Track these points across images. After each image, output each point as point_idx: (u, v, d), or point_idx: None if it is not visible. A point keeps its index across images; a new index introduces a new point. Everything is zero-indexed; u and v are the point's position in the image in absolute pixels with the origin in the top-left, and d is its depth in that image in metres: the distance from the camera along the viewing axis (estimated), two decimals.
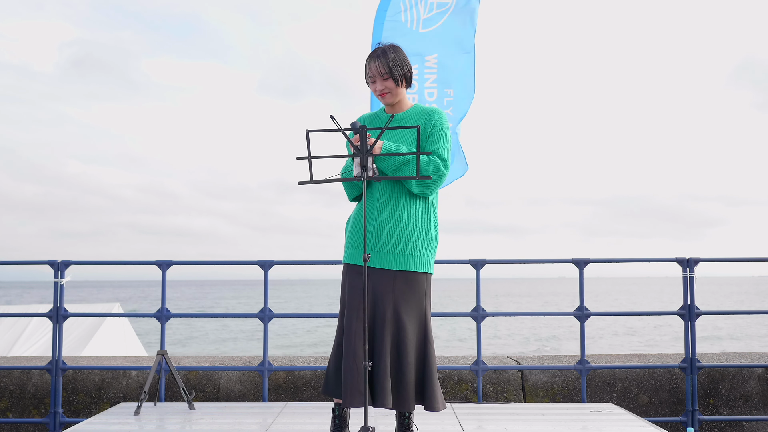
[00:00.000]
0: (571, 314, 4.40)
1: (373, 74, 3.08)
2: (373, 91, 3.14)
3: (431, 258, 3.07)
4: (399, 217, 3.01)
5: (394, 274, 2.98)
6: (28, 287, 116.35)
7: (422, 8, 4.47)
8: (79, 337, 10.37)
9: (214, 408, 4.00)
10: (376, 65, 3.06)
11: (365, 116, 3.25)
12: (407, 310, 2.96)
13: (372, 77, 3.09)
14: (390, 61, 3.06)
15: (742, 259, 4.66)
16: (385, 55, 3.07)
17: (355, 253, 3.06)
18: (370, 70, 3.08)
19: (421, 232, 3.03)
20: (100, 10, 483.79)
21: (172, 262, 4.43)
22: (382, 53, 3.08)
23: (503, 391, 4.53)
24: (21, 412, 4.55)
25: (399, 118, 3.13)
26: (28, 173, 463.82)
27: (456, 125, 4.48)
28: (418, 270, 3.00)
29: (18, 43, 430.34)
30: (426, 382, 2.96)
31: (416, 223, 3.02)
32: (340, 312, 3.11)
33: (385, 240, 2.99)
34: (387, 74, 3.06)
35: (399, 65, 3.07)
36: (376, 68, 3.06)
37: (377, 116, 3.22)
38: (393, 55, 3.08)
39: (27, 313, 4.95)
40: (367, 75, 3.12)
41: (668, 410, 4.51)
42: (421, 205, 3.05)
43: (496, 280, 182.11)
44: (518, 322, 36.59)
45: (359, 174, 2.81)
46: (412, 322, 2.97)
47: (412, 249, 3.00)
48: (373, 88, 3.13)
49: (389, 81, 3.07)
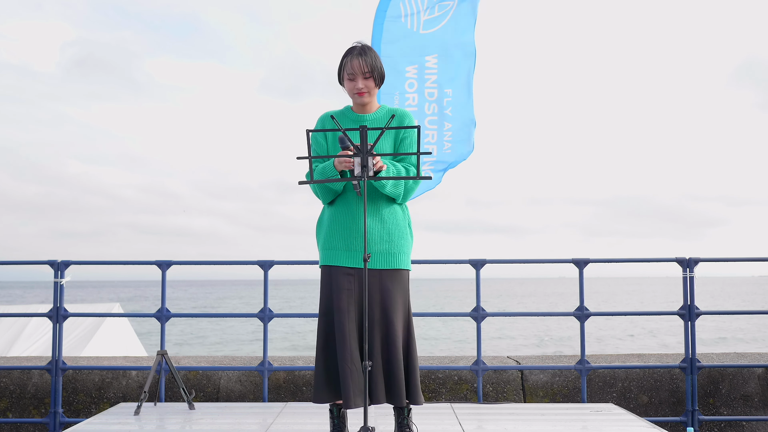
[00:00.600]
0: (571, 314, 4.40)
1: (354, 72, 3.03)
2: (351, 89, 3.08)
3: (410, 255, 3.15)
4: (381, 217, 3.05)
5: (379, 273, 3.01)
6: (28, 287, 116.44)
7: (422, 9, 4.47)
8: (79, 337, 10.37)
9: (214, 408, 4.00)
10: (359, 63, 3.02)
11: (331, 112, 3.20)
12: (395, 308, 3.00)
13: (353, 75, 3.04)
14: (371, 60, 3.04)
15: (742, 259, 4.66)
16: (367, 54, 3.05)
17: (337, 254, 3.04)
18: (352, 67, 3.03)
19: (402, 230, 3.09)
20: (99, 11, 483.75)
21: (171, 262, 4.43)
22: (363, 51, 3.05)
23: (503, 391, 4.53)
24: (21, 412, 4.55)
25: (369, 119, 3.12)
26: (29, 173, 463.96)
27: (459, 129, 4.48)
28: (402, 267, 3.07)
29: (17, 43, 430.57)
30: (410, 377, 3.03)
31: (397, 222, 3.08)
32: (323, 316, 3.05)
33: (369, 240, 3.01)
34: (369, 73, 3.04)
35: (378, 66, 3.07)
36: (359, 66, 3.02)
37: (344, 115, 3.18)
38: (372, 54, 3.06)
39: (27, 313, 4.95)
40: (346, 72, 3.06)
41: (668, 410, 4.51)
42: (398, 205, 3.11)
43: (497, 280, 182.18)
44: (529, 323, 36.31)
45: (359, 174, 2.81)
46: (399, 319, 3.01)
47: (395, 247, 3.05)
48: (351, 86, 3.07)
49: (370, 80, 3.06)
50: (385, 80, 3.55)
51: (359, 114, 3.15)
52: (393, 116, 2.96)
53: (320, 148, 3.17)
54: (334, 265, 3.04)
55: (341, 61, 3.09)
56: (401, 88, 4.46)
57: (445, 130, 4.48)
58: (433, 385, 4.53)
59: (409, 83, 4.47)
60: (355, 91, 3.07)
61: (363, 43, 3.11)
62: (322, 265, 3.11)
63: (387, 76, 4.50)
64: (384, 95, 4.44)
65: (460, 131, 4.49)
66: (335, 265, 3.04)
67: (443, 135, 4.48)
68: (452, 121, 4.47)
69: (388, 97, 4.44)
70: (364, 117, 3.13)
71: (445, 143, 4.48)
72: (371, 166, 2.82)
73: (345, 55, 3.07)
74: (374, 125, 3.09)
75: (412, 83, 4.47)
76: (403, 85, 4.46)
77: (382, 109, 3.17)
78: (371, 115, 3.14)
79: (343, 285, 3.00)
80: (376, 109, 3.16)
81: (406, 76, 4.46)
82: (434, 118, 4.48)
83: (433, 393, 4.52)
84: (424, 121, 4.47)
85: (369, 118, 3.13)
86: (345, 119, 3.15)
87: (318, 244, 3.17)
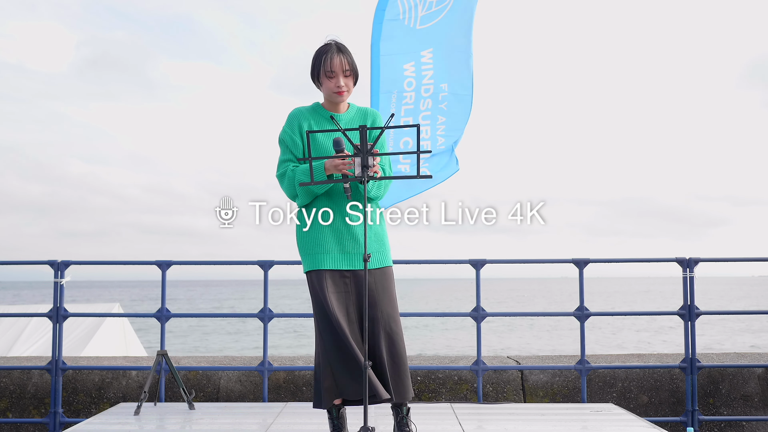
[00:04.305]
0: (571, 314, 4.40)
1: (335, 70, 2.97)
2: (330, 87, 3.00)
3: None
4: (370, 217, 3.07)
5: (373, 272, 3.02)
6: (28, 287, 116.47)
7: (420, 6, 4.47)
8: (79, 337, 10.36)
9: (214, 408, 4.00)
10: (341, 61, 2.97)
11: (302, 109, 3.13)
12: (394, 305, 3.04)
13: (333, 73, 2.97)
14: (350, 58, 3.00)
15: (742, 259, 4.66)
16: (346, 52, 3.01)
17: (332, 257, 3.00)
18: (333, 65, 2.96)
19: (384, 229, 3.14)
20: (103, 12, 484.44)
21: (172, 262, 4.43)
22: (342, 49, 3.00)
23: (503, 391, 4.53)
24: (21, 412, 4.55)
25: (343, 118, 3.08)
26: (35, 173, 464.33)
27: (453, 126, 4.47)
28: (390, 265, 3.10)
29: (17, 43, 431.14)
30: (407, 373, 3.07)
31: (382, 222, 3.12)
32: (321, 320, 2.97)
33: (361, 241, 3.01)
34: (349, 71, 3.00)
35: (355, 64, 3.03)
36: (340, 64, 2.97)
37: (317, 112, 3.11)
38: (350, 52, 3.02)
39: (27, 313, 4.95)
40: (326, 70, 2.97)
41: (668, 410, 4.50)
42: (375, 204, 3.13)
43: (499, 280, 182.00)
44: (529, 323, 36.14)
45: (359, 174, 2.80)
46: (398, 316, 3.05)
47: (384, 246, 3.09)
48: (331, 84, 2.99)
49: (350, 78, 3.02)
50: (385, 79, 3.54)
51: (333, 113, 3.08)
52: (392, 115, 2.95)
53: (296, 148, 3.08)
54: (329, 269, 2.99)
55: (319, 58, 3.00)
56: (400, 87, 4.45)
57: (439, 124, 4.47)
58: (433, 385, 4.53)
59: (407, 82, 4.46)
60: (335, 90, 3.00)
61: (337, 40, 3.05)
62: (315, 269, 3.01)
63: (386, 76, 4.50)
64: (383, 94, 4.43)
65: (453, 126, 4.47)
66: (331, 269, 2.99)
67: (436, 129, 4.47)
68: (447, 115, 4.46)
69: (386, 96, 4.43)
70: (339, 116, 3.07)
71: (438, 138, 4.47)
72: (371, 166, 2.82)
73: (323, 52, 2.99)
74: (349, 125, 3.04)
75: (410, 81, 4.47)
76: (402, 83, 4.46)
77: (353, 108, 3.14)
78: (345, 114, 3.10)
79: (340, 288, 2.99)
80: (347, 108, 3.13)
81: (405, 74, 4.45)
82: (428, 113, 4.46)
83: (433, 393, 4.52)
84: (419, 118, 4.45)
85: (343, 117, 3.08)
86: (320, 118, 3.09)
87: (303, 249, 3.07)
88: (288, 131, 3.09)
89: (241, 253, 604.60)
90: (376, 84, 4.43)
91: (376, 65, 4.44)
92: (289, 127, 3.10)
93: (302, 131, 3.06)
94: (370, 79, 4.45)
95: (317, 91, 3.14)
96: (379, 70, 4.43)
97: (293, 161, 3.08)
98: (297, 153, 3.09)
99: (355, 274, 3.01)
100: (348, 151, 2.85)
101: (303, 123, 3.08)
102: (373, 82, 4.44)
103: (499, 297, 66.36)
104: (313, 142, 3.03)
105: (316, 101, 3.16)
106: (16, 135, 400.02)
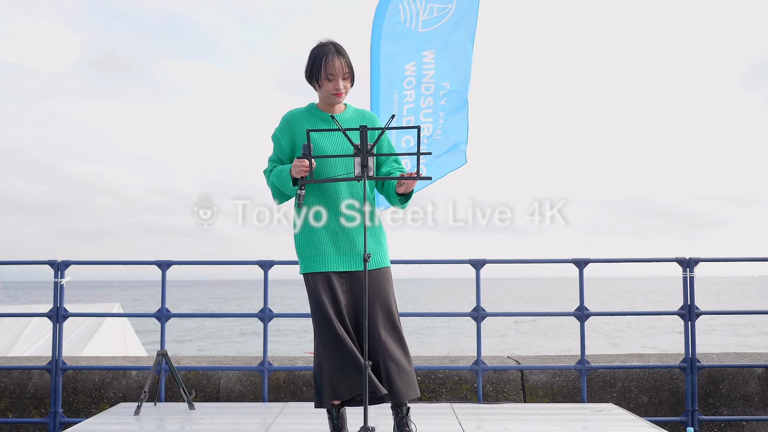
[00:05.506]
0: (571, 314, 4.40)
1: (335, 72, 2.95)
2: (330, 89, 2.98)
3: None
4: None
5: (372, 273, 3.01)
6: (29, 287, 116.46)
7: (421, 10, 4.47)
8: (79, 337, 10.37)
9: (214, 408, 4.00)
10: (341, 63, 2.96)
11: (296, 111, 3.11)
12: (394, 305, 3.04)
13: (333, 75, 2.95)
14: (349, 59, 3.00)
15: (742, 259, 4.65)
16: (345, 54, 2.99)
17: (329, 259, 3.00)
18: (334, 67, 2.94)
19: (382, 229, 3.12)
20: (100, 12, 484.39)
21: (171, 262, 4.43)
22: (341, 51, 2.99)
23: (503, 391, 4.53)
24: (21, 412, 4.55)
25: (340, 119, 3.06)
26: (36, 173, 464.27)
27: (456, 123, 4.49)
28: (388, 266, 3.09)
29: (17, 43, 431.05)
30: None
31: (380, 222, 3.11)
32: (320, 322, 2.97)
33: (357, 242, 3.00)
34: (348, 74, 3.00)
35: (353, 67, 3.02)
36: (340, 66, 2.96)
37: (312, 113, 3.09)
38: (348, 54, 3.01)
39: (27, 313, 4.95)
40: (326, 71, 2.95)
41: (668, 410, 4.50)
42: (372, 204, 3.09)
43: (499, 280, 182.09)
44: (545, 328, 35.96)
45: (359, 174, 2.81)
46: (398, 316, 3.05)
47: (382, 247, 3.08)
48: (330, 86, 2.97)
49: (348, 81, 3.01)
50: (385, 79, 3.54)
51: (329, 113, 3.07)
52: (393, 116, 2.95)
53: (282, 152, 3.10)
54: (327, 271, 2.98)
55: (317, 59, 2.98)
56: (400, 86, 4.46)
57: (440, 122, 4.49)
58: (433, 385, 4.53)
59: (407, 81, 4.47)
60: (333, 92, 2.98)
61: (333, 41, 3.03)
62: (313, 272, 3.00)
63: (387, 76, 4.51)
64: (383, 94, 4.44)
65: (456, 123, 4.49)
66: (328, 271, 2.99)
67: (437, 126, 4.49)
68: (446, 110, 4.48)
69: (387, 95, 4.44)
70: (337, 117, 3.05)
71: (440, 135, 4.49)
72: (372, 166, 2.82)
73: (322, 54, 2.97)
74: (346, 125, 3.04)
75: (410, 81, 4.48)
76: (402, 83, 4.47)
77: (349, 109, 3.13)
78: (341, 115, 3.09)
79: (337, 289, 2.98)
80: (343, 109, 3.12)
81: (405, 74, 4.47)
82: (429, 110, 4.48)
83: (433, 393, 4.52)
84: (420, 116, 4.46)
85: (341, 118, 3.07)
86: (315, 119, 3.08)
87: (300, 250, 3.06)
88: (278, 135, 3.10)
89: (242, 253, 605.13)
90: (376, 84, 4.45)
91: (376, 65, 4.45)
92: (280, 131, 3.11)
93: (293, 136, 3.07)
94: (370, 79, 4.46)
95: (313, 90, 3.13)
96: (379, 70, 4.44)
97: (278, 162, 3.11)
98: (283, 157, 3.10)
99: (352, 275, 3.01)
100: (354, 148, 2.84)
101: (295, 128, 3.07)
102: (373, 82, 4.45)
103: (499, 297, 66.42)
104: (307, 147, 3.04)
105: (311, 102, 3.15)
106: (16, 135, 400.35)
